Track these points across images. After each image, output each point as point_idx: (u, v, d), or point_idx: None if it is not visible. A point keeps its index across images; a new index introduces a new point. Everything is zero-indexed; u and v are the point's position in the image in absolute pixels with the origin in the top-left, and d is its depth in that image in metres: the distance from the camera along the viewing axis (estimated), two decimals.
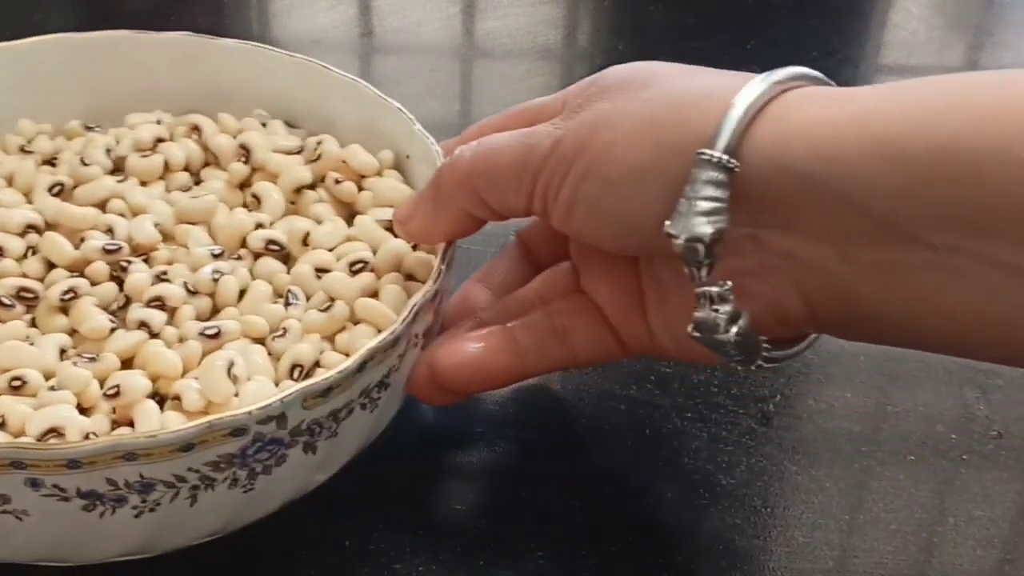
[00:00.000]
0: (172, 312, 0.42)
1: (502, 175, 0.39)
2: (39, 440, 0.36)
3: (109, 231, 0.44)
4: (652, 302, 0.41)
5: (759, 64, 0.40)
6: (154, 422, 0.38)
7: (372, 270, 0.44)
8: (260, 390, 0.39)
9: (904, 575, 0.42)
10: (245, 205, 0.47)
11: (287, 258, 0.45)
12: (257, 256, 0.44)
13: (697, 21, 0.77)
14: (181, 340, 0.41)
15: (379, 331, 0.40)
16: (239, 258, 0.44)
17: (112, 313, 0.42)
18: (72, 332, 0.41)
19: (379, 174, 0.48)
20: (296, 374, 0.40)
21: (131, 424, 0.38)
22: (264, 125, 0.51)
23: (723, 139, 0.35)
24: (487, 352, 0.41)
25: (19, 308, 0.42)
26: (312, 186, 0.47)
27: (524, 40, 0.74)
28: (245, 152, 0.48)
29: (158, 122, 0.50)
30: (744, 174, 0.34)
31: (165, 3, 0.75)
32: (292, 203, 0.47)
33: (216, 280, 0.42)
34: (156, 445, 0.34)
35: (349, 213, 0.48)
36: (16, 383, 0.38)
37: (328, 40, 0.73)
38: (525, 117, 0.42)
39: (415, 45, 0.74)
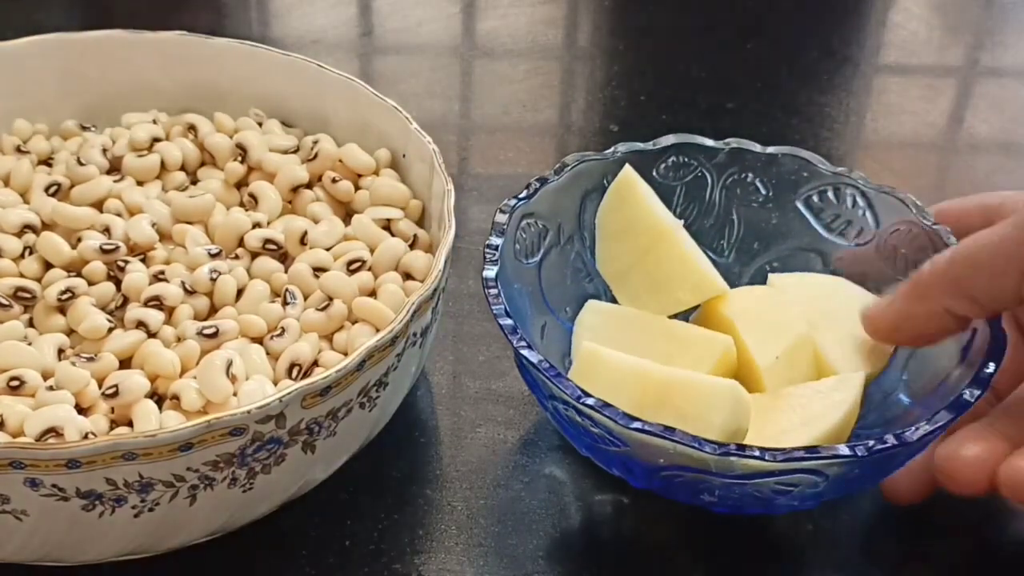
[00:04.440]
0: (170, 312, 0.42)
1: (988, 262, 0.37)
2: (38, 440, 0.36)
3: (106, 231, 0.44)
4: None
5: (759, 64, 0.40)
6: (153, 422, 0.38)
7: (370, 269, 0.44)
8: (258, 389, 0.39)
9: None
10: (242, 204, 0.47)
11: (284, 257, 0.45)
12: (255, 255, 0.44)
13: (697, 21, 0.77)
14: (179, 340, 0.41)
15: (377, 330, 0.40)
16: (236, 257, 0.44)
17: (110, 313, 0.42)
18: (70, 332, 0.41)
19: (376, 173, 0.48)
20: (295, 373, 0.40)
21: (130, 424, 0.38)
22: (260, 124, 0.50)
23: None
24: None
25: (16, 308, 0.42)
26: (309, 185, 0.47)
27: (524, 40, 0.74)
28: (241, 151, 0.48)
29: (154, 122, 0.50)
30: None
31: (165, 3, 0.75)
32: (289, 202, 0.47)
33: (214, 279, 0.42)
34: (155, 445, 0.34)
35: (346, 212, 0.48)
36: (14, 383, 0.38)
37: (328, 40, 0.73)
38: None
39: (415, 45, 0.74)
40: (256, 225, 0.45)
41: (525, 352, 0.38)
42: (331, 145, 0.48)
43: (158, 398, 0.39)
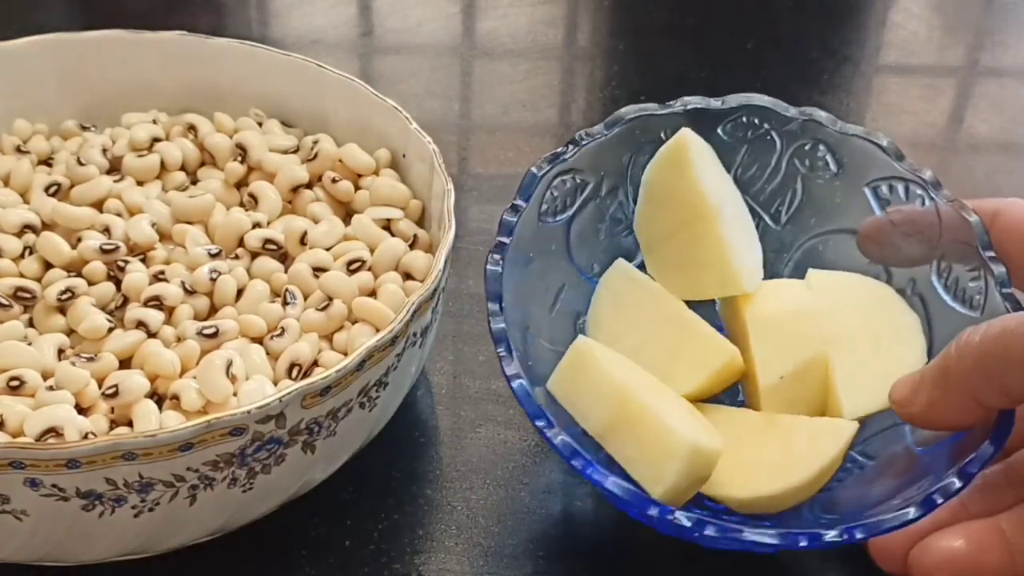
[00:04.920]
0: (170, 312, 0.42)
1: (1020, 352, 0.34)
2: (38, 440, 0.36)
3: (106, 231, 0.44)
4: None
5: (759, 64, 0.39)
6: (153, 422, 0.38)
7: (370, 269, 0.44)
8: (258, 389, 0.39)
9: None
10: (242, 204, 0.47)
11: (284, 257, 0.45)
12: (254, 255, 0.44)
13: (697, 21, 0.77)
14: (179, 340, 0.41)
15: (377, 330, 0.40)
16: (236, 257, 0.44)
17: (110, 313, 0.42)
18: (70, 332, 0.41)
19: (376, 173, 0.48)
20: (294, 373, 0.40)
21: (130, 424, 0.38)
22: (260, 124, 0.50)
23: None
24: (972, 550, 0.35)
25: (16, 308, 0.42)
26: (309, 185, 0.47)
27: (524, 40, 0.74)
28: (241, 151, 0.48)
29: (154, 122, 0.50)
30: None
31: (165, 3, 0.75)
32: (289, 202, 0.47)
33: (214, 280, 0.42)
34: (155, 445, 0.34)
35: (346, 212, 0.48)
36: (14, 383, 0.38)
37: (328, 40, 0.72)
38: None
39: (415, 45, 0.74)
40: (256, 225, 0.45)
41: (506, 367, 0.37)
42: (331, 145, 0.48)
43: (158, 398, 0.39)
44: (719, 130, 0.45)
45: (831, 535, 0.34)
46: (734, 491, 0.38)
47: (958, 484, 0.34)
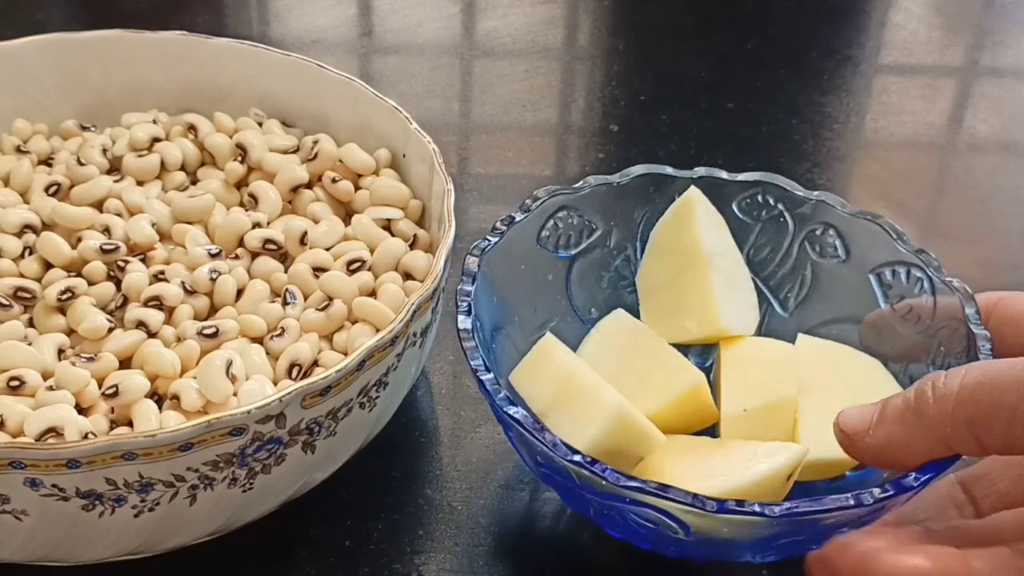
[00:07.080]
0: (170, 312, 0.42)
1: (1006, 405, 0.32)
2: (38, 440, 0.36)
3: (106, 231, 0.44)
4: None
5: (759, 64, 0.39)
6: (153, 422, 0.38)
7: (370, 269, 0.44)
8: (258, 389, 0.39)
9: None
10: (242, 204, 0.47)
11: (284, 257, 0.45)
12: (254, 255, 0.44)
13: (697, 21, 0.77)
14: (179, 340, 0.41)
15: (377, 330, 0.40)
16: (236, 257, 0.44)
17: (110, 313, 0.42)
18: (70, 332, 0.41)
19: (376, 173, 0.48)
20: (294, 373, 0.40)
21: (130, 424, 0.38)
22: (260, 124, 0.50)
23: None
24: (935, 571, 0.32)
25: (16, 308, 0.42)
26: (309, 185, 0.47)
27: (524, 40, 0.74)
28: (241, 151, 0.48)
29: (154, 121, 0.50)
30: None
31: (165, 3, 0.75)
32: (289, 202, 0.47)
33: (214, 279, 0.42)
34: (155, 445, 0.34)
35: (346, 212, 0.48)
36: (14, 383, 0.38)
37: (328, 40, 0.73)
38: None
39: (415, 45, 0.74)
40: (256, 225, 0.45)
41: (461, 318, 0.39)
42: (331, 145, 0.48)
43: (158, 398, 0.39)
44: (733, 205, 0.45)
45: (745, 506, 0.33)
46: None
47: (888, 492, 0.34)
